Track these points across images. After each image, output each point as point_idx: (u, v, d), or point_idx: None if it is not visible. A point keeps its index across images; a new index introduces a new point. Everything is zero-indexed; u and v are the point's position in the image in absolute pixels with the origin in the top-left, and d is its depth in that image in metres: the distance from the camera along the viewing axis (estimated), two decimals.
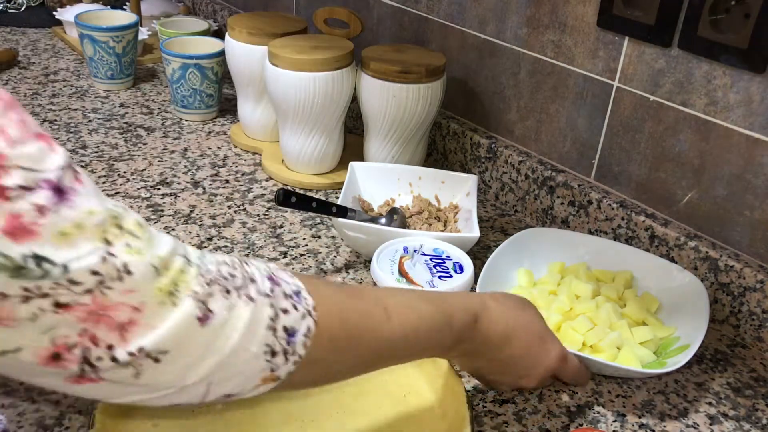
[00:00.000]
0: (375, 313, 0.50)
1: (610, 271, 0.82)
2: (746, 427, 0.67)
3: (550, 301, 0.76)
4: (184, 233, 0.89)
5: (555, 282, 0.80)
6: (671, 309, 0.77)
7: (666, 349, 0.72)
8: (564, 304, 0.75)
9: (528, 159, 0.97)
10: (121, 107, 1.23)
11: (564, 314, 0.75)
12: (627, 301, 0.78)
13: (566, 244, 0.84)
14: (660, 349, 0.73)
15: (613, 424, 0.66)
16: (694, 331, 0.71)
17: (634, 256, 0.82)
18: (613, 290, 0.78)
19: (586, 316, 0.74)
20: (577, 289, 0.78)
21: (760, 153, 0.75)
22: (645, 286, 0.80)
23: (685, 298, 0.76)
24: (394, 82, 0.93)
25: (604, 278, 0.81)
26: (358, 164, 0.95)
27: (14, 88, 1.26)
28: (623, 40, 0.83)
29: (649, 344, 0.72)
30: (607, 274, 0.81)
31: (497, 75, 1.01)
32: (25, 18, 1.60)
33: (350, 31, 1.04)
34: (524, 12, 0.94)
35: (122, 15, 1.32)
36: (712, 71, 0.76)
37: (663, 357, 0.71)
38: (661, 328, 0.75)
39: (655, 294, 0.79)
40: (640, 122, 0.85)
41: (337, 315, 0.47)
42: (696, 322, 0.72)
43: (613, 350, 0.70)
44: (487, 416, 0.65)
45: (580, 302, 0.76)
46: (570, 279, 0.80)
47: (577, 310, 0.75)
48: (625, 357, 0.69)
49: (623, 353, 0.70)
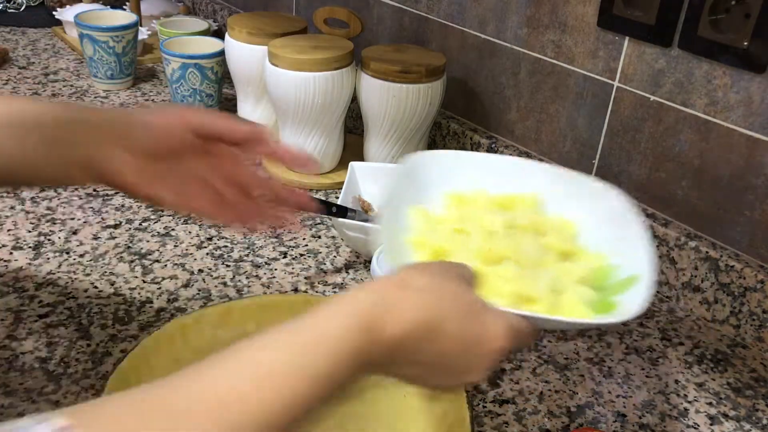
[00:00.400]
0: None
1: (514, 194, 0.67)
2: (746, 427, 0.67)
3: (459, 243, 0.60)
4: (184, 233, 0.89)
5: (457, 217, 0.65)
6: (593, 233, 0.63)
7: (603, 282, 0.58)
8: (480, 245, 0.60)
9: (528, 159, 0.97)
10: (120, 107, 1.23)
11: (484, 258, 0.59)
12: (545, 230, 0.63)
13: (457, 168, 0.69)
14: (596, 283, 0.58)
15: (614, 424, 0.66)
16: (634, 256, 0.57)
17: (536, 173, 0.69)
18: (526, 218, 0.64)
19: (511, 260, 0.59)
20: (487, 223, 0.63)
21: (760, 153, 0.75)
22: (554, 208, 0.66)
23: (607, 218, 0.63)
24: (394, 82, 0.93)
25: (508, 204, 0.67)
26: (358, 164, 0.95)
27: (14, 88, 1.26)
28: (623, 40, 0.83)
29: (588, 280, 0.59)
30: (510, 199, 0.67)
31: (497, 75, 1.01)
32: (24, 18, 1.60)
33: (350, 31, 1.04)
34: (524, 12, 0.94)
35: (122, 15, 1.32)
36: (712, 71, 0.76)
37: (608, 294, 0.57)
38: (590, 257, 0.61)
39: (569, 217, 0.65)
40: (640, 122, 0.85)
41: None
42: (631, 244, 0.58)
43: (552, 297, 0.56)
44: (487, 416, 0.65)
45: (496, 239, 0.61)
46: (473, 211, 0.65)
47: (497, 251, 0.59)
48: (571, 304, 0.55)
49: (567, 300, 0.56)
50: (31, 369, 0.66)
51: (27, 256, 0.82)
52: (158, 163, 0.60)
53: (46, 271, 0.79)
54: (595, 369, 0.73)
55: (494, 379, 0.70)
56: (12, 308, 0.73)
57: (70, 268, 0.80)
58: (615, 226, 0.62)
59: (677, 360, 0.75)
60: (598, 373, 0.72)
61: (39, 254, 0.82)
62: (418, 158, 0.68)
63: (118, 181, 0.59)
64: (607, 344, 0.76)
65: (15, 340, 0.69)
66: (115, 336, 0.71)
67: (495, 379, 0.70)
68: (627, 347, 0.76)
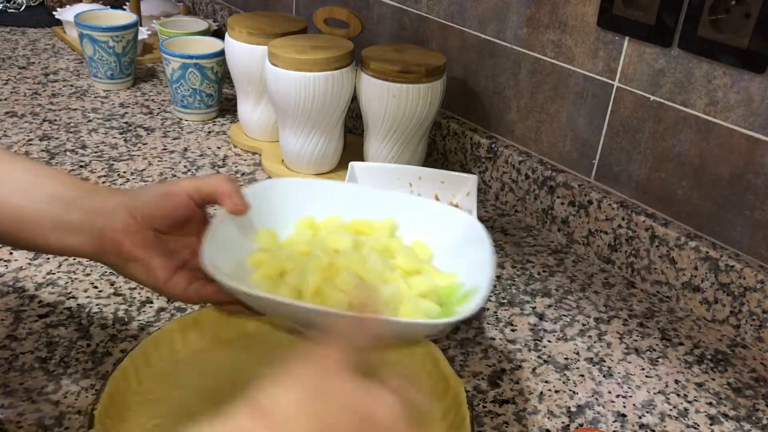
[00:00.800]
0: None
1: (371, 220, 0.68)
2: (746, 427, 0.67)
3: (302, 263, 0.60)
4: None
5: (305, 241, 0.65)
6: (447, 255, 0.65)
7: (450, 298, 0.61)
8: (321, 260, 0.60)
9: (528, 159, 0.97)
10: (120, 107, 1.23)
11: (323, 272, 0.59)
12: (395, 252, 0.65)
13: (316, 197, 0.68)
14: (443, 299, 0.61)
15: (613, 424, 0.66)
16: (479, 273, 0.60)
17: (396, 201, 0.69)
18: (378, 242, 0.65)
19: (350, 270, 0.60)
20: (334, 243, 0.63)
21: (760, 153, 0.75)
22: (413, 234, 0.68)
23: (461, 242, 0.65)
24: (394, 82, 0.93)
25: (362, 230, 0.67)
26: (358, 164, 0.95)
27: (14, 88, 1.26)
28: (623, 40, 0.83)
29: (430, 295, 0.60)
30: (366, 225, 0.67)
31: (497, 75, 1.01)
32: (24, 18, 1.60)
33: (350, 31, 1.04)
34: (524, 12, 0.94)
35: (122, 15, 1.32)
36: (712, 71, 0.76)
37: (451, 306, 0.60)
38: (439, 276, 0.63)
39: (426, 241, 0.67)
40: (641, 122, 0.85)
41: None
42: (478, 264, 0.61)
43: (391, 307, 0.57)
44: (487, 416, 0.65)
45: (341, 256, 0.62)
46: (324, 235, 0.65)
47: (339, 266, 0.60)
48: (409, 312, 0.57)
49: (405, 308, 0.57)
50: (31, 369, 0.66)
51: (27, 256, 0.82)
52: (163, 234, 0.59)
53: (46, 271, 0.79)
54: (595, 369, 0.73)
55: (494, 379, 0.70)
56: (12, 308, 0.73)
57: (70, 268, 0.80)
58: (466, 248, 0.64)
59: (677, 360, 0.75)
60: (598, 373, 0.72)
61: (39, 254, 0.82)
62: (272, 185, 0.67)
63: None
64: (607, 344, 0.76)
65: (15, 340, 0.69)
66: (115, 336, 0.71)
67: (495, 379, 0.70)
68: (627, 347, 0.76)
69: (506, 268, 0.88)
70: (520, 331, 0.77)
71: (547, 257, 0.91)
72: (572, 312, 0.81)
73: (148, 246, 0.57)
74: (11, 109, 1.18)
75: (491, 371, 0.71)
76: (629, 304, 0.83)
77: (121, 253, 0.56)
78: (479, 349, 0.74)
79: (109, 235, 0.55)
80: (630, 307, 0.83)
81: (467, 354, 0.73)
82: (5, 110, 1.17)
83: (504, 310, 0.80)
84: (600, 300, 0.83)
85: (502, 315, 0.79)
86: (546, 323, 0.79)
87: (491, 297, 0.82)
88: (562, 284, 0.86)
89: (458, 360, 0.72)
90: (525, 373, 0.71)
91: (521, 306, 0.81)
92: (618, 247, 0.88)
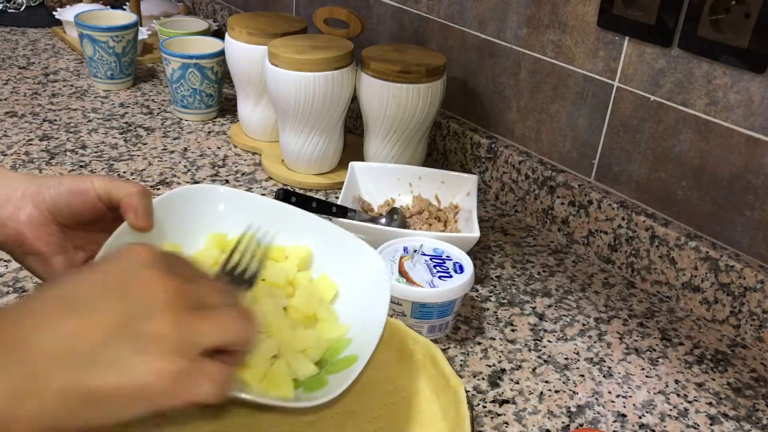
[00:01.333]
0: None
1: (285, 246, 0.63)
2: (746, 427, 0.67)
3: None
4: None
5: (212, 260, 0.61)
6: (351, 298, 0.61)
7: (333, 357, 0.57)
8: None
9: (528, 159, 0.97)
10: (120, 107, 1.23)
11: None
12: (296, 289, 0.61)
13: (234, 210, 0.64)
14: (327, 355, 0.57)
15: (613, 424, 0.66)
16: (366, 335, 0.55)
17: (313, 225, 0.64)
18: (282, 274, 0.61)
19: None
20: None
21: (760, 153, 0.75)
22: (323, 266, 0.63)
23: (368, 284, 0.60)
24: (394, 82, 0.93)
25: (276, 256, 0.63)
26: (358, 164, 0.95)
27: (14, 88, 1.26)
28: (623, 40, 0.84)
29: (313, 351, 0.56)
30: (280, 251, 0.63)
31: (497, 75, 1.01)
32: (24, 18, 1.60)
33: (350, 31, 1.04)
34: (524, 12, 0.94)
35: (122, 15, 1.32)
36: (712, 71, 0.76)
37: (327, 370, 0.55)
38: (332, 327, 0.59)
39: (335, 277, 0.62)
40: (641, 122, 0.85)
41: None
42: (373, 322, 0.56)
43: (266, 364, 0.53)
44: (487, 416, 0.65)
45: None
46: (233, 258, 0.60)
47: None
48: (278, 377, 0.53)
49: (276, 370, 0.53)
50: None
51: None
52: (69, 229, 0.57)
53: None
54: (595, 369, 0.73)
55: (494, 379, 0.70)
56: None
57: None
58: (368, 293, 0.59)
59: (677, 360, 0.75)
60: (598, 373, 0.72)
61: None
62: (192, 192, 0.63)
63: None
64: (607, 344, 0.76)
65: None
66: None
67: (495, 379, 0.70)
68: (627, 347, 0.76)
69: (506, 268, 0.88)
70: (520, 331, 0.77)
71: (547, 257, 0.91)
72: (572, 312, 0.81)
73: (51, 241, 0.56)
74: (11, 109, 1.18)
75: (491, 371, 0.71)
76: (629, 304, 0.83)
77: (23, 245, 0.55)
78: (479, 349, 0.74)
79: (12, 225, 0.54)
80: (630, 307, 0.83)
81: (467, 354, 0.73)
82: (5, 110, 1.17)
83: (504, 310, 0.80)
84: (600, 300, 0.83)
85: (502, 315, 0.79)
86: (546, 323, 0.79)
87: (491, 297, 0.82)
88: (562, 284, 0.86)
89: (458, 360, 0.72)
90: (525, 373, 0.71)
91: (521, 306, 0.81)
92: (618, 247, 0.88)
